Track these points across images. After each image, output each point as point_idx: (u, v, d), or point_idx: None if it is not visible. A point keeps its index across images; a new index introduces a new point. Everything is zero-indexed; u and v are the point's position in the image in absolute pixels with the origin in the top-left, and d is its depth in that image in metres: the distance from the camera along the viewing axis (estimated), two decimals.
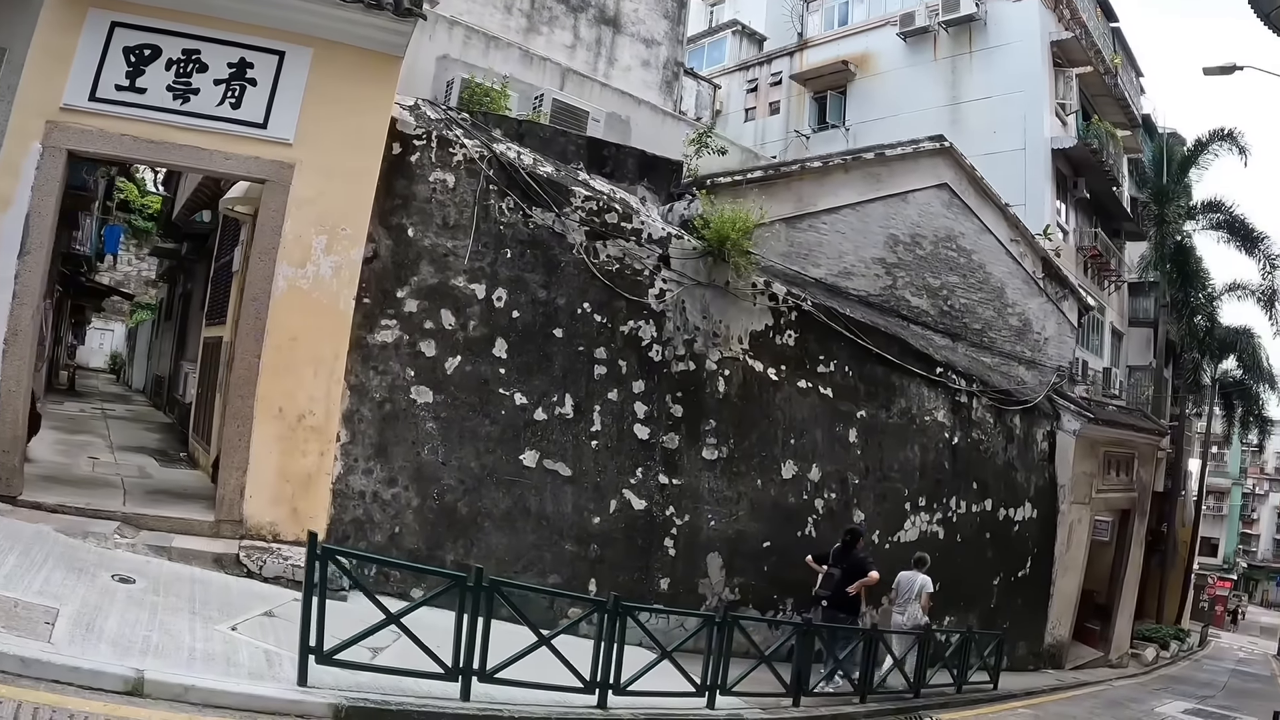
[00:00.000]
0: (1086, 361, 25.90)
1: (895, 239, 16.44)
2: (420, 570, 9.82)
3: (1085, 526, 20.24)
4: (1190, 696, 20.48)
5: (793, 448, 13.97)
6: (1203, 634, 38.95)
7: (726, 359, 13.27)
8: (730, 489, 13.24)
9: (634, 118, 18.04)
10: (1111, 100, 30.39)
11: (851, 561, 12.71)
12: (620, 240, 12.20)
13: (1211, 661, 33.64)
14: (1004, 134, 25.78)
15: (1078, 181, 27.19)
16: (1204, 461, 38.11)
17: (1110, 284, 30.45)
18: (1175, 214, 26.34)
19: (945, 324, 17.12)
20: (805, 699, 11.19)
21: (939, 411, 16.32)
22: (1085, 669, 21.08)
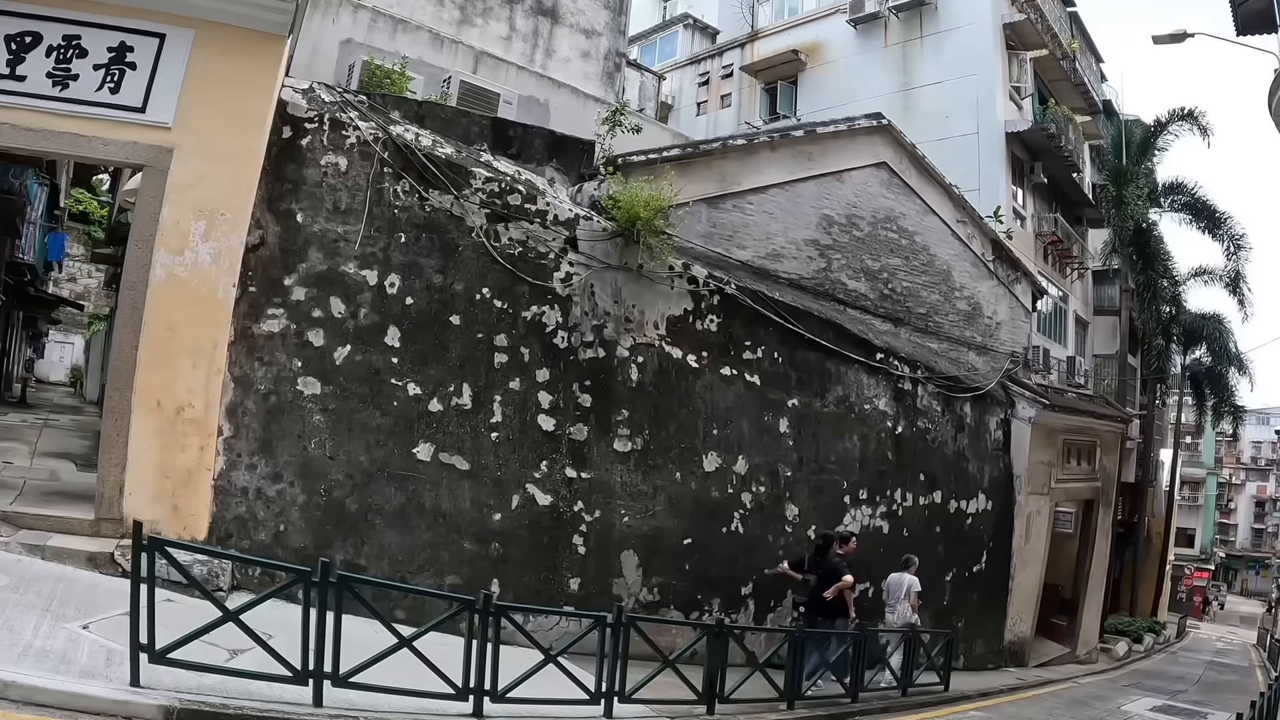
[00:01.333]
0: (1049, 350, 25.20)
1: (829, 220, 15.66)
2: (260, 564, 9.15)
3: (1045, 518, 19.45)
4: (1161, 692, 19.66)
5: (715, 439, 13.14)
6: (1180, 625, 38.30)
7: (640, 345, 12.50)
8: (646, 483, 12.43)
9: (554, 101, 17.23)
10: (1070, 85, 29.82)
11: (826, 567, 12.63)
12: (523, 223, 11.56)
13: (1188, 654, 32.96)
14: (957, 118, 25.20)
15: (1034, 166, 26.55)
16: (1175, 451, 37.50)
17: (1073, 271, 29.84)
18: (1135, 195, 25.63)
19: (886, 308, 16.33)
20: (721, 705, 10.28)
21: (880, 399, 15.52)
22: (1050, 666, 20.26)
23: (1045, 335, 26.94)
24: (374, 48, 15.08)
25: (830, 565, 12.64)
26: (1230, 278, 28.84)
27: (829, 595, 12.35)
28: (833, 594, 12.34)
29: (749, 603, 13.44)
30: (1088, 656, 22.77)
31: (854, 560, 13.06)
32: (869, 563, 15.00)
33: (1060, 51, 28.73)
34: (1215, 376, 35.29)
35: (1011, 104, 26.13)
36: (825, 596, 12.37)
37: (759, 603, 13.56)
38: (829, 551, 12.87)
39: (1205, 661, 30.71)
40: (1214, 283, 31.00)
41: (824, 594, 12.41)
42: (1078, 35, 32.10)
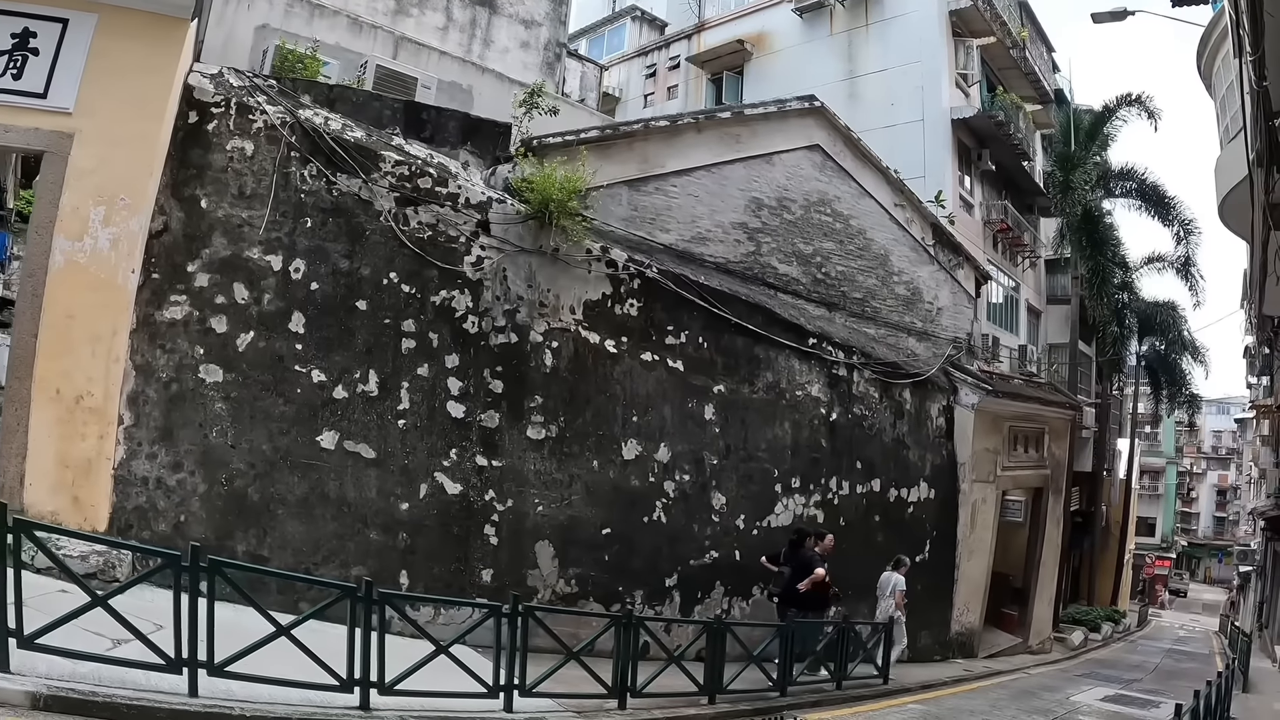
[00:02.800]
0: (999, 338, 24.94)
1: (759, 202, 15.25)
2: (130, 548, 8.69)
3: (991, 506, 19.09)
4: (1114, 681, 19.33)
5: (636, 426, 12.69)
6: (1141, 614, 38.25)
7: (555, 330, 12.08)
8: (561, 471, 11.98)
9: (478, 87, 16.67)
10: (1019, 74, 29.65)
11: (799, 560, 12.83)
12: (434, 206, 11.19)
13: (1148, 642, 32.81)
14: (902, 106, 25.01)
15: (982, 154, 26.31)
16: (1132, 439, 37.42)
17: (1025, 260, 29.64)
18: (1082, 180, 25.38)
19: (820, 293, 15.93)
20: (635, 700, 9.85)
21: (813, 386, 15.10)
22: (1001, 657, 19.91)
23: (996, 324, 26.71)
24: (290, 33, 14.56)
25: (804, 558, 12.80)
26: (1181, 263, 28.67)
27: (803, 587, 12.54)
28: (806, 586, 12.52)
29: (674, 595, 12.98)
30: (1041, 647, 22.42)
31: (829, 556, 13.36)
32: None
33: (1010, 40, 28.53)
34: (1170, 364, 35.18)
35: (958, 91, 25.86)
36: (799, 589, 12.56)
37: (685, 595, 13.11)
38: (803, 545, 13.02)
39: (1164, 650, 30.52)
40: (1166, 270, 30.88)
41: (798, 586, 12.58)
42: (1028, 24, 31.90)
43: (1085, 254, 26.09)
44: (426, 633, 8.22)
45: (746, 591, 13.88)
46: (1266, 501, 34.23)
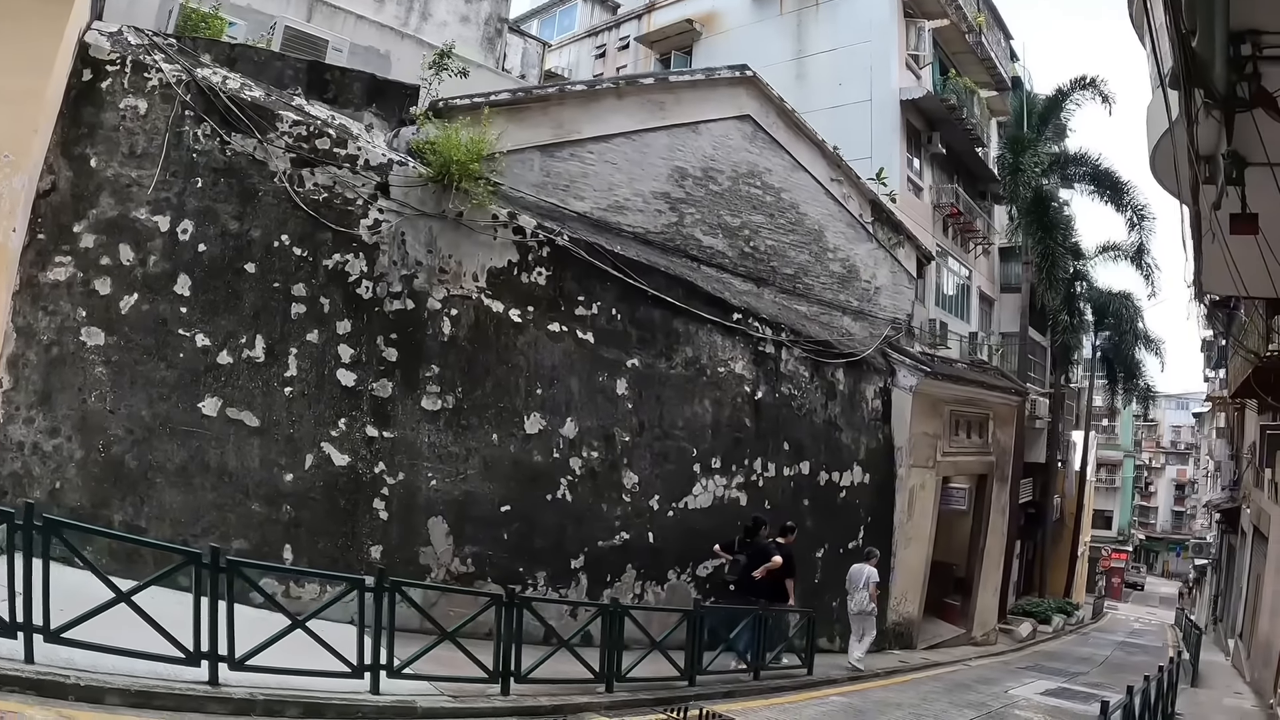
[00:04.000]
0: (947, 324, 24.39)
1: (683, 172, 14.61)
2: None
3: (931, 492, 18.53)
4: (1059, 674, 18.80)
5: (540, 399, 12.05)
6: (1096, 606, 37.97)
7: (455, 298, 11.48)
8: (458, 444, 11.35)
9: (396, 52, 15.91)
10: (975, 59, 29.20)
11: (755, 548, 12.97)
12: (331, 168, 10.72)
13: (1101, 634, 32.45)
14: (850, 86, 24.40)
15: (932, 136, 25.70)
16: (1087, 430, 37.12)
17: (977, 247, 29.13)
18: (1032, 162, 24.86)
19: (748, 267, 15.30)
20: (520, 685, 9.20)
21: (737, 362, 14.46)
22: (942, 648, 19.38)
23: (947, 310, 26.18)
24: None
25: (760, 546, 12.99)
26: (1135, 250, 28.27)
27: (758, 575, 12.68)
28: (762, 574, 12.67)
29: (580, 577, 12.32)
30: (985, 638, 21.93)
31: (793, 549, 13.63)
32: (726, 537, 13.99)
33: (965, 25, 28.05)
34: (1125, 356, 34.88)
35: (909, 73, 25.27)
36: (754, 576, 12.69)
37: (593, 577, 12.45)
38: (758, 533, 13.13)
39: (1116, 642, 30.17)
40: (1121, 259, 30.53)
41: (753, 573, 12.70)
42: (985, 10, 31.42)
43: (1035, 238, 25.56)
44: (280, 605, 7.82)
45: (661, 576, 13.24)
46: (1222, 494, 34.00)
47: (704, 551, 13.72)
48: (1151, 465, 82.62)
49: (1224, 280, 10.99)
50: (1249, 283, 10.44)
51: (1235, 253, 8.93)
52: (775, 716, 11.06)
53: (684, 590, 13.45)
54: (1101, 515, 60.47)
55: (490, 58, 18.58)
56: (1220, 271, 10.52)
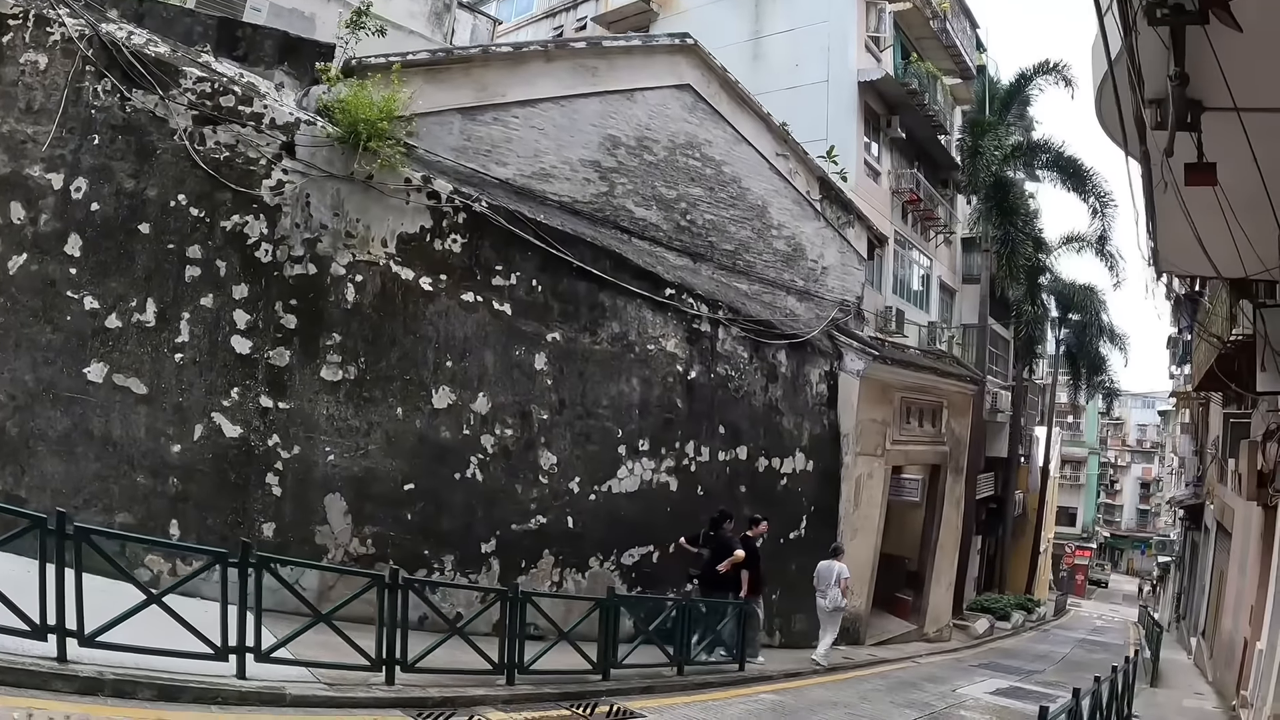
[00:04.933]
0: (904, 312, 23.76)
1: (615, 140, 13.85)
2: None
3: (880, 482, 17.85)
4: (1013, 673, 18.12)
5: (449, 372, 11.29)
6: (1059, 603, 37.54)
7: (361, 263, 10.74)
8: (359, 417, 10.61)
9: (321, 15, 15.15)
10: (939, 45, 28.71)
11: (719, 541, 12.85)
12: (235, 126, 10.11)
13: (1062, 631, 31.95)
14: (807, 66, 23.87)
15: (892, 120, 25.15)
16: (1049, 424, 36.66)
17: (938, 235, 28.61)
18: (992, 145, 24.25)
19: (684, 241, 14.57)
20: (408, 675, 8.49)
21: (669, 340, 13.72)
22: (892, 644, 18.71)
23: (905, 299, 25.64)
24: None
25: (724, 539, 12.85)
26: (1098, 239, 27.77)
27: (722, 569, 12.59)
28: (726, 568, 12.59)
29: (492, 562, 11.56)
30: (939, 635, 21.30)
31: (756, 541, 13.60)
32: (654, 524, 13.32)
33: (929, 9, 27.58)
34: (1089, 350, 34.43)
35: (868, 55, 24.68)
36: (719, 570, 12.61)
37: (506, 563, 11.68)
38: (723, 526, 12.96)
39: (1077, 640, 29.64)
40: (1085, 249, 30.08)
41: (718, 568, 12.62)
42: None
43: (995, 223, 24.96)
44: (132, 578, 7.28)
45: (583, 563, 12.49)
46: (1185, 490, 33.56)
47: (630, 538, 13.03)
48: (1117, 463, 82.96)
49: (1185, 256, 10.27)
50: (1213, 259, 9.80)
51: (1196, 220, 8.28)
52: (694, 714, 10.31)
53: (608, 579, 12.70)
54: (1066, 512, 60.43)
55: (438, 33, 17.93)
56: (1181, 246, 9.85)
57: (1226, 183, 6.90)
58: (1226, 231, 8.37)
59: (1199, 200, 7.61)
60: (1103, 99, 7.32)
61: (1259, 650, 12.78)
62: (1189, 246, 9.64)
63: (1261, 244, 8.52)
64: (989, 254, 25.86)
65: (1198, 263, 10.21)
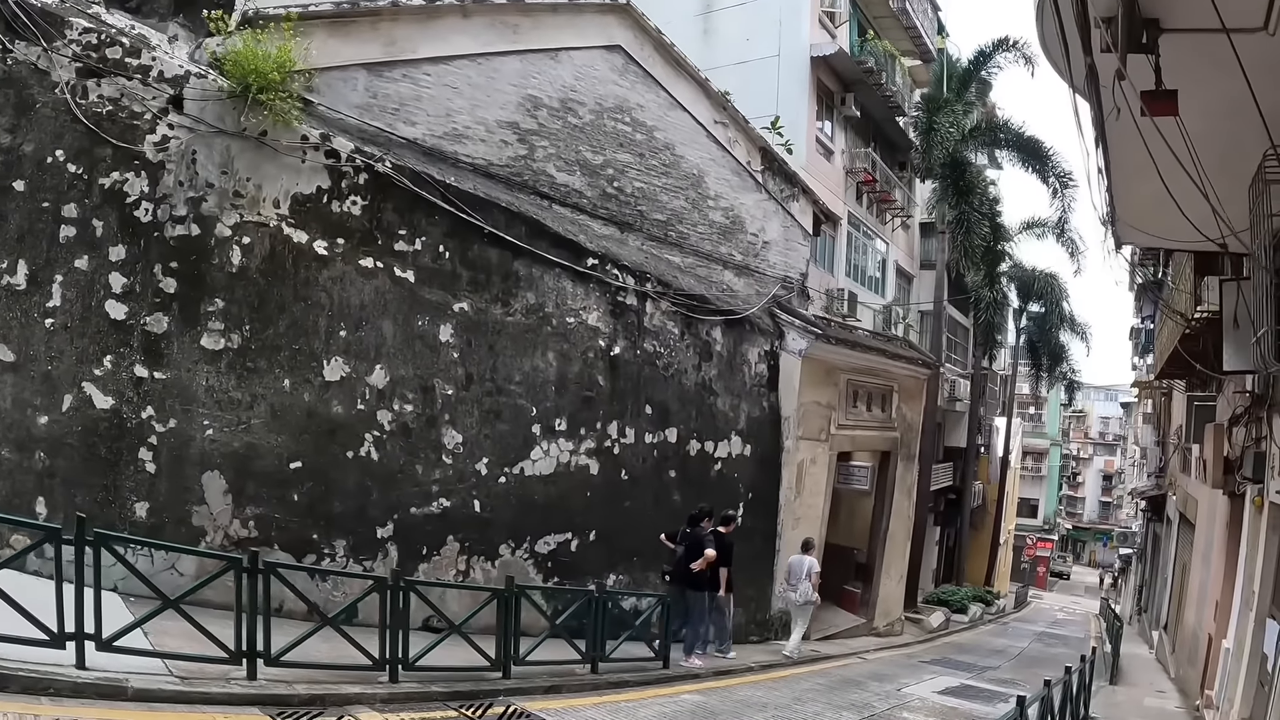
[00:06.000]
0: (856, 295, 23.01)
1: (536, 102, 12.96)
2: None
3: (824, 468, 17.06)
4: (966, 670, 17.32)
5: (343, 342, 10.42)
6: (1020, 595, 37.01)
7: (249, 224, 9.91)
8: (241, 389, 9.76)
9: None
10: (898, 25, 28.08)
11: (693, 539, 12.65)
12: (120, 79, 9.35)
13: (1022, 624, 31.37)
14: (758, 41, 23.11)
15: (846, 98, 24.36)
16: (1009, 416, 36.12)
17: (895, 219, 27.93)
18: (948, 122, 23.49)
19: (610, 209, 13.70)
20: (273, 669, 7.69)
21: (590, 313, 12.85)
22: (838, 639, 17.93)
23: (859, 282, 24.91)
24: None
25: (697, 537, 12.62)
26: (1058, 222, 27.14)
27: (696, 568, 12.40)
28: (700, 567, 12.40)
29: (389, 548, 10.68)
30: (889, 629, 20.55)
31: (732, 539, 13.37)
32: (572, 509, 12.47)
33: None
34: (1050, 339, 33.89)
35: (822, 30, 23.92)
36: (692, 568, 12.41)
37: (406, 549, 10.82)
38: (701, 524, 12.76)
39: (1036, 633, 29.03)
40: (1046, 234, 29.48)
41: (691, 566, 12.43)
42: None
43: (951, 203, 24.20)
44: None
45: (492, 551, 11.62)
46: (1147, 482, 33.09)
47: (546, 524, 12.19)
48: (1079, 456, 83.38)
49: (1146, 216, 9.45)
50: (1176, 223, 9.04)
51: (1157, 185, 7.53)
52: (599, 717, 9.46)
53: (521, 568, 11.84)
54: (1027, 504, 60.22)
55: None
56: (1141, 209, 9.09)
57: (1193, 128, 6.14)
58: (1191, 193, 7.57)
59: (1161, 158, 6.83)
60: (1043, 18, 6.49)
61: (1225, 649, 12.05)
62: (1149, 210, 8.90)
63: (1230, 204, 7.70)
64: (945, 235, 25.10)
65: (1159, 225, 9.41)
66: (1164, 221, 8.98)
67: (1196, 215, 7.99)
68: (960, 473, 30.56)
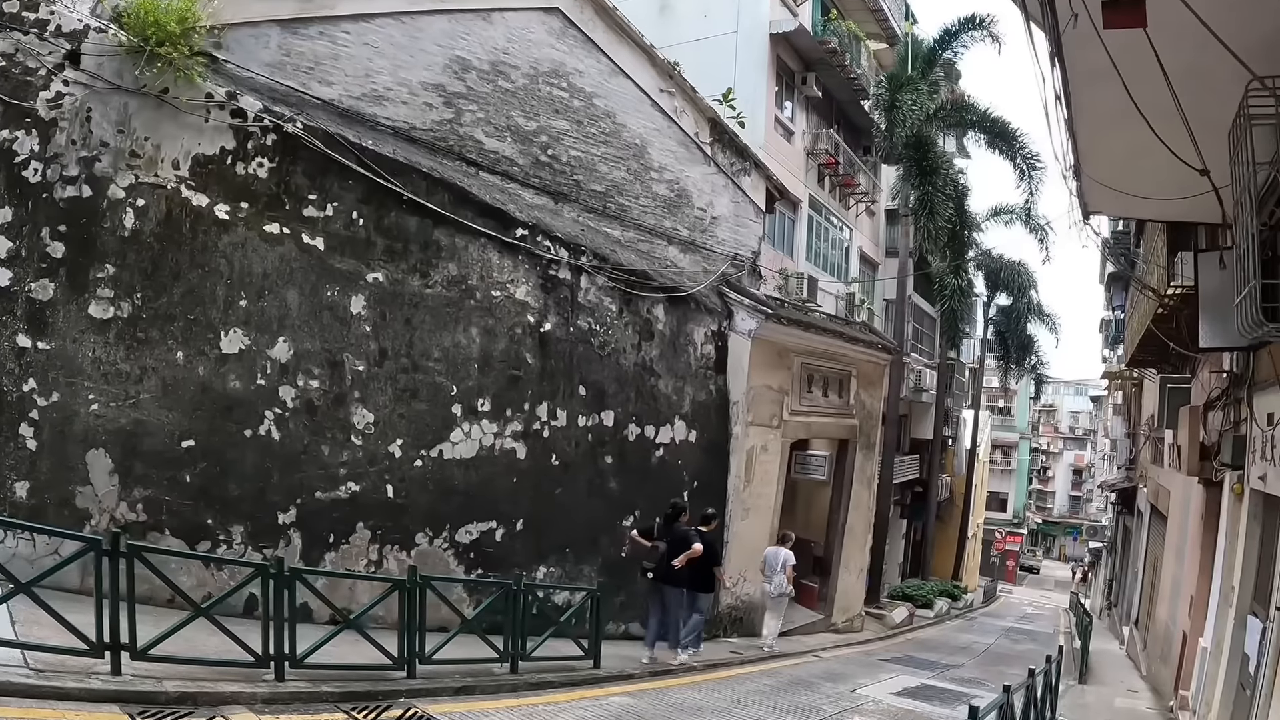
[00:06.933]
0: (816, 279, 22.31)
1: (465, 63, 12.15)
2: None
3: (776, 456, 16.33)
4: (927, 668, 16.52)
5: (243, 312, 9.66)
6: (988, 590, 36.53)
7: (145, 186, 9.20)
8: (130, 361, 9.01)
9: None
10: (863, 6, 27.90)
11: (675, 535, 12.22)
12: (16, 33, 8.72)
13: (989, 619, 30.80)
14: (716, 17, 22.58)
15: (807, 77, 23.71)
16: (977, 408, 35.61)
17: (859, 204, 27.26)
18: (910, 99, 22.79)
19: (544, 178, 12.90)
20: (142, 663, 6.91)
21: (519, 286, 12.07)
22: (795, 636, 17.17)
23: (821, 267, 24.23)
24: None
25: (680, 533, 12.24)
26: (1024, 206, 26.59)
27: (678, 564, 11.99)
28: (682, 563, 12.00)
29: (292, 535, 9.90)
30: (849, 625, 19.85)
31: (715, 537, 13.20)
32: (498, 496, 11.69)
33: None
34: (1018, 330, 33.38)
35: (783, 7, 23.22)
36: (674, 565, 11.99)
37: (310, 537, 10.04)
38: (678, 519, 12.37)
39: (1004, 629, 28.45)
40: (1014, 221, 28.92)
41: (673, 563, 12.00)
42: None
43: (914, 183, 23.50)
44: None
45: (408, 540, 10.83)
46: (1118, 474, 32.62)
47: (467, 512, 11.42)
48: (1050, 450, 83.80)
49: (1116, 172, 8.70)
50: (1148, 187, 8.37)
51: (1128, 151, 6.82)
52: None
53: (440, 559, 11.08)
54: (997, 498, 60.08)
55: None
56: (1111, 164, 8.37)
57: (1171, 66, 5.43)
58: (1162, 151, 6.87)
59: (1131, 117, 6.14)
60: None
61: (1203, 648, 11.32)
62: (1119, 166, 8.20)
63: (1209, 158, 6.98)
64: (908, 218, 24.42)
65: (1130, 183, 8.69)
66: (1135, 180, 8.33)
67: (1171, 175, 7.32)
68: (927, 465, 30.00)
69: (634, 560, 13.37)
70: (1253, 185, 6.18)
